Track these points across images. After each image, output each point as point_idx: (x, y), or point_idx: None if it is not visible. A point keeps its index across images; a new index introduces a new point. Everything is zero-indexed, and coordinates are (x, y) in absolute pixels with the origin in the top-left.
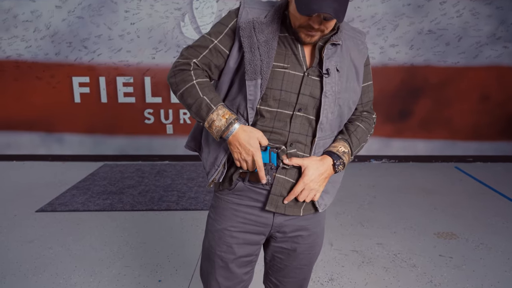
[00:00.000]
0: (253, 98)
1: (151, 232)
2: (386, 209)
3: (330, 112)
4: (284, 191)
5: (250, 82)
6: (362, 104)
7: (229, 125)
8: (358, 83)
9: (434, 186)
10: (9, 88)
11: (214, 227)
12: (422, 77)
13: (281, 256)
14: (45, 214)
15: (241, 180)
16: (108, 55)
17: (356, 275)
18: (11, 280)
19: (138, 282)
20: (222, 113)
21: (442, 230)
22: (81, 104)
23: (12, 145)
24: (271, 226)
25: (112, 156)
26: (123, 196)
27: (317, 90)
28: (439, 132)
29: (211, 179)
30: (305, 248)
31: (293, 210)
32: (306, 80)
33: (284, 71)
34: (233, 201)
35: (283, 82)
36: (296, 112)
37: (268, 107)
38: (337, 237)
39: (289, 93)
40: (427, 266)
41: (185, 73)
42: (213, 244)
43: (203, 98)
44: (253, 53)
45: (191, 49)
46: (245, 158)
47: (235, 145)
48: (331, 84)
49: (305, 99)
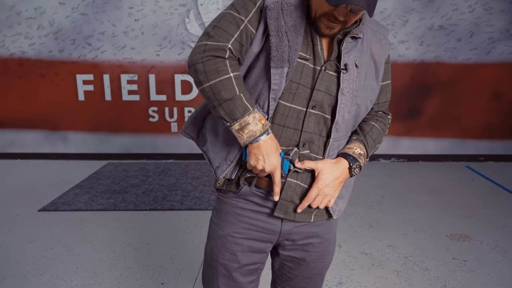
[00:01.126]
0: (277, 88)
1: (155, 232)
2: (395, 210)
3: (347, 111)
4: (295, 196)
5: (275, 70)
6: (378, 104)
7: (264, 132)
8: (377, 81)
9: (444, 186)
10: (13, 86)
11: (217, 232)
12: (432, 74)
13: (290, 265)
14: (48, 214)
15: (247, 184)
16: (112, 52)
17: (366, 278)
18: (11, 282)
19: (140, 284)
20: (258, 117)
21: (454, 232)
22: (85, 102)
23: (16, 143)
24: (279, 234)
25: (116, 154)
26: (126, 196)
27: (334, 87)
28: (450, 131)
29: (222, 175)
30: (316, 257)
31: (304, 216)
32: (323, 75)
33: (304, 62)
34: (237, 205)
35: (302, 75)
36: (310, 110)
37: (282, 100)
38: (345, 238)
39: (305, 88)
40: (440, 269)
41: (219, 62)
42: (215, 251)
43: (240, 96)
44: (281, 38)
45: (219, 29)
46: (263, 168)
47: (260, 152)
48: (349, 81)
49: (320, 95)
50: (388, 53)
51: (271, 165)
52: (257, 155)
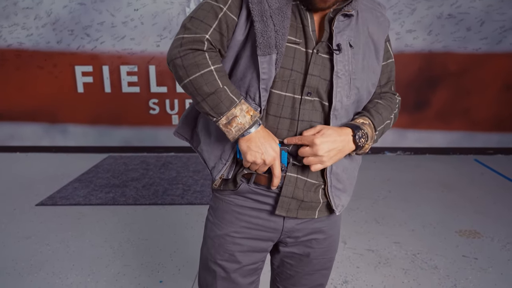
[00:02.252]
0: (267, 77)
1: (154, 228)
2: (402, 205)
3: (345, 95)
4: (298, 191)
5: (263, 58)
6: (380, 86)
7: (254, 123)
8: (378, 61)
9: (453, 180)
10: (11, 77)
11: (214, 232)
12: (440, 65)
13: (291, 262)
14: (45, 208)
15: (245, 182)
16: (111, 43)
17: (372, 277)
18: (5, 279)
19: (138, 283)
20: (246, 108)
21: (464, 228)
22: (85, 94)
23: (15, 136)
24: (280, 231)
25: (116, 147)
26: (126, 190)
27: (327, 70)
28: (458, 123)
29: (218, 176)
30: (320, 253)
31: (307, 213)
32: (315, 59)
33: (295, 47)
34: (235, 202)
35: (294, 60)
36: (305, 97)
37: (275, 89)
38: (351, 234)
39: (298, 74)
40: (450, 267)
41: (198, 55)
42: (212, 252)
43: (224, 88)
44: (265, 22)
45: (196, 20)
46: (264, 161)
47: (255, 145)
48: (344, 62)
49: (314, 80)
50: (387, 31)
51: (270, 155)
52: (252, 148)
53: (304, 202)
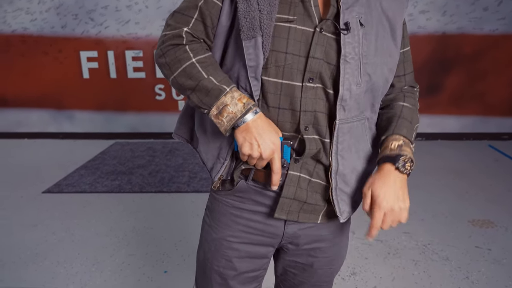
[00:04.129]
0: (254, 64)
1: (159, 216)
2: (412, 193)
3: (354, 83)
4: (300, 192)
5: (248, 43)
6: (405, 76)
7: (247, 110)
8: (394, 42)
9: (465, 167)
10: (16, 64)
11: (210, 235)
12: (454, 47)
13: (294, 271)
14: (51, 196)
15: (243, 178)
16: (116, 28)
17: (381, 268)
18: (10, 268)
19: (143, 272)
20: (238, 95)
21: (477, 218)
22: (90, 80)
23: (22, 122)
24: (281, 237)
25: (123, 134)
26: (132, 177)
27: (333, 53)
28: (472, 107)
29: (217, 177)
30: (325, 263)
31: (309, 217)
32: (318, 39)
33: (289, 26)
34: (233, 204)
35: (288, 41)
36: (306, 83)
37: (269, 77)
38: (359, 224)
39: (296, 57)
40: (461, 259)
41: (178, 50)
42: (208, 257)
43: (209, 79)
44: (249, 2)
45: (177, 14)
46: (260, 154)
47: (251, 136)
48: (353, 44)
49: (317, 64)
50: (404, 9)
51: (268, 148)
52: (248, 139)
53: (307, 204)
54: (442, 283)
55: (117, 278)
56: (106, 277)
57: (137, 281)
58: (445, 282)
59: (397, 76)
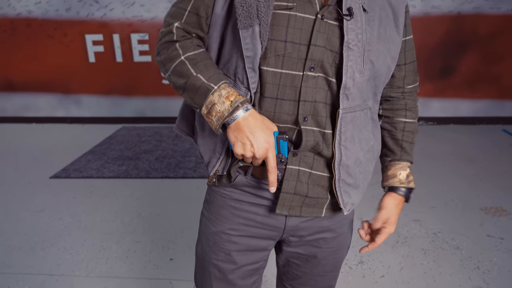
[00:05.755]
0: (251, 54)
1: (166, 202)
2: (423, 179)
3: (358, 71)
4: (301, 186)
5: (245, 32)
6: (405, 65)
7: (235, 109)
8: (397, 30)
9: (478, 152)
10: (22, 48)
11: (209, 229)
12: (470, 28)
13: (297, 262)
14: (59, 181)
15: (242, 173)
16: (121, 10)
17: (389, 257)
18: (18, 254)
19: (149, 260)
20: (226, 93)
21: (489, 205)
22: (96, 63)
23: (30, 106)
24: (282, 230)
25: (130, 118)
26: (139, 162)
27: (336, 40)
28: (486, 91)
29: (212, 171)
30: (329, 253)
31: (313, 211)
32: (320, 26)
33: (288, 13)
34: (232, 196)
35: (288, 29)
36: (307, 72)
37: (268, 66)
38: (368, 211)
39: (296, 45)
40: (472, 248)
41: (169, 48)
42: (207, 250)
43: (197, 77)
44: None
45: (173, 8)
46: (253, 154)
47: (243, 135)
48: (356, 30)
49: (319, 52)
50: None
51: (261, 147)
52: (240, 139)
53: (309, 197)
54: (452, 273)
55: (122, 266)
56: (112, 264)
57: (143, 268)
58: (455, 272)
59: (397, 65)
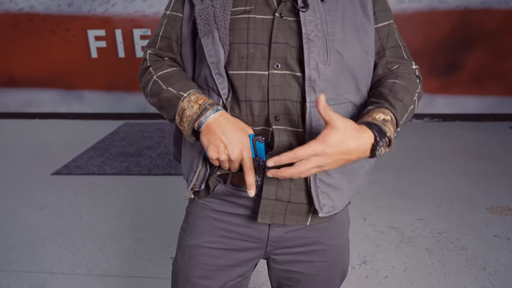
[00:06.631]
0: (215, 59)
1: (167, 199)
2: (428, 178)
3: (321, 62)
4: (282, 191)
5: (206, 39)
6: (384, 51)
7: (203, 110)
8: (366, 17)
9: (485, 150)
10: (24, 43)
11: (185, 242)
12: (477, 23)
13: (289, 283)
14: (60, 178)
15: (221, 182)
16: (123, 5)
17: (393, 257)
18: (18, 251)
19: (149, 258)
20: (195, 98)
21: (496, 204)
22: (98, 59)
23: (33, 102)
24: (266, 241)
25: (133, 114)
26: (141, 159)
27: (295, 35)
28: (493, 87)
29: (190, 187)
30: (322, 268)
31: (297, 219)
32: (279, 24)
33: (248, 16)
34: (212, 207)
35: (248, 32)
36: (272, 71)
37: (233, 70)
38: (371, 210)
39: (259, 46)
40: (478, 248)
41: (146, 72)
42: (182, 266)
43: (168, 89)
44: (204, 1)
45: (151, 38)
46: (228, 156)
47: (215, 137)
48: (315, 21)
49: (281, 49)
50: None
51: (235, 148)
52: (213, 141)
53: (292, 203)
54: (457, 273)
55: (123, 264)
56: (112, 263)
57: (143, 267)
58: (460, 273)
59: (376, 53)
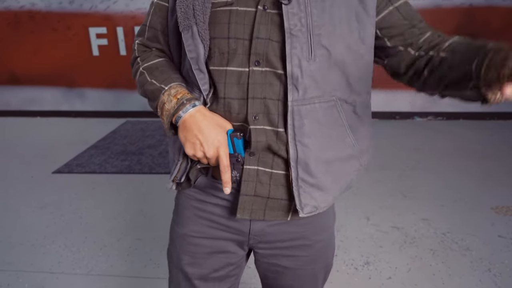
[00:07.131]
0: (194, 55)
1: (168, 199)
2: (432, 177)
3: (305, 58)
4: (261, 188)
5: (186, 34)
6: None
7: (180, 105)
8: (362, 5)
9: (489, 148)
10: (26, 41)
11: (175, 231)
12: (482, 21)
13: (274, 276)
14: (61, 176)
15: (204, 174)
16: (125, 3)
17: (397, 258)
18: (18, 250)
19: (150, 258)
20: (174, 92)
21: (501, 204)
22: (100, 57)
23: (35, 100)
24: (248, 234)
25: (134, 112)
26: (142, 157)
27: (277, 29)
28: None
29: (171, 178)
30: (305, 262)
31: (277, 214)
32: (261, 17)
33: (229, 9)
34: (196, 197)
35: (230, 25)
36: (253, 68)
37: (214, 66)
38: (374, 210)
39: (240, 41)
40: (483, 249)
41: (135, 62)
42: (174, 254)
43: (151, 81)
44: None
45: (140, 27)
46: (204, 153)
47: (191, 133)
48: (298, 14)
49: (262, 45)
50: None
51: (211, 145)
52: (189, 138)
53: (272, 199)
54: (461, 275)
55: (123, 264)
56: (113, 262)
57: (143, 267)
58: (465, 274)
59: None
